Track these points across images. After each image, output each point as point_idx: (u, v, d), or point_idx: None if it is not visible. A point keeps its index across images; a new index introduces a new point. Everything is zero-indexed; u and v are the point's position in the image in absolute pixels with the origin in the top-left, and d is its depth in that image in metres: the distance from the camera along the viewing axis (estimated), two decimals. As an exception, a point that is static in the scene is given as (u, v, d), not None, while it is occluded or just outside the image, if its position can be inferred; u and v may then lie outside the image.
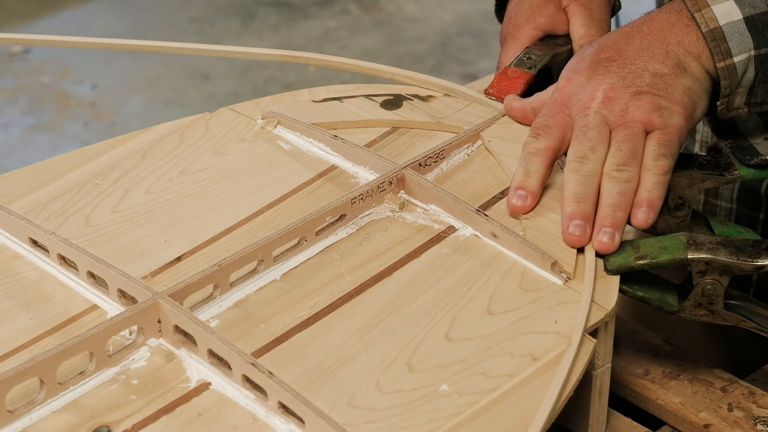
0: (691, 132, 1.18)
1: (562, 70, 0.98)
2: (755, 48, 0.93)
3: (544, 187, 0.94)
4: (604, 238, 0.89)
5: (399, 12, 3.52)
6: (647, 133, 0.92)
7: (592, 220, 0.90)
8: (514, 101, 1.03)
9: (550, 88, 0.99)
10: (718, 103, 0.95)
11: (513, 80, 1.05)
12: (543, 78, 1.08)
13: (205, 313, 0.85)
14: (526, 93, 1.06)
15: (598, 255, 0.89)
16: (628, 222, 0.91)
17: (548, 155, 0.93)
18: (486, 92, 1.06)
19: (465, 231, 0.93)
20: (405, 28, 3.44)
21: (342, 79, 3.08)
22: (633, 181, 0.91)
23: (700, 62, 0.94)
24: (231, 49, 1.14)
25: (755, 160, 0.96)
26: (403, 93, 1.08)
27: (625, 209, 0.90)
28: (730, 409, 0.91)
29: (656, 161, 0.91)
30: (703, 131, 1.23)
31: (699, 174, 0.96)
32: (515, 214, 0.93)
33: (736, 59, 0.93)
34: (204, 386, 0.80)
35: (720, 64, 0.93)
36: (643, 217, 0.91)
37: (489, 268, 0.89)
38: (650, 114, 0.92)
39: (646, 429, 0.91)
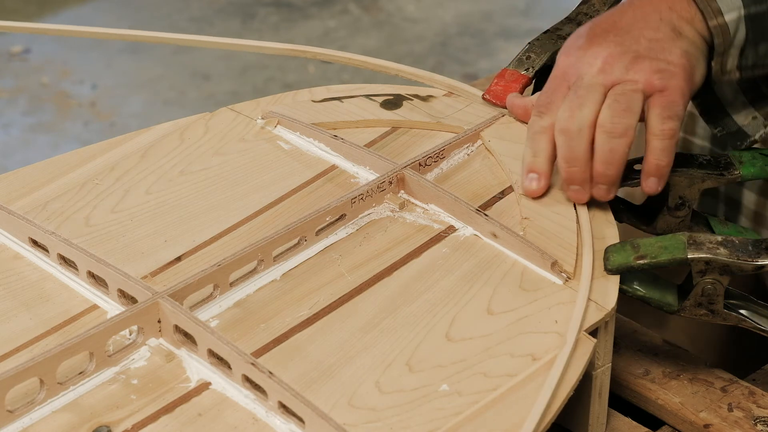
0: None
1: (560, 50, 0.98)
2: (744, 7, 0.93)
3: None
4: (599, 193, 0.92)
5: (399, 12, 3.52)
6: (648, 97, 0.92)
7: (586, 178, 0.91)
8: (516, 99, 1.03)
9: None
10: (713, 62, 0.95)
11: (509, 84, 1.05)
12: (543, 76, 1.08)
13: (205, 313, 0.85)
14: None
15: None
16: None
17: (553, 132, 0.93)
18: (484, 97, 1.06)
19: (465, 231, 0.93)
20: (405, 28, 3.44)
21: (342, 79, 3.08)
22: (627, 135, 0.90)
23: (694, 26, 0.94)
24: (240, 43, 1.14)
25: (746, 143, 0.97)
26: (403, 93, 1.08)
27: (619, 165, 0.91)
28: (730, 409, 0.91)
29: (663, 125, 0.91)
30: None
31: (699, 174, 0.96)
32: (531, 196, 0.94)
33: (727, 17, 0.93)
34: (204, 386, 0.80)
35: (712, 23, 0.93)
36: (653, 187, 0.92)
37: (489, 268, 0.89)
38: (651, 76, 0.91)
39: (646, 429, 0.91)
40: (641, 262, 0.88)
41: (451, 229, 0.93)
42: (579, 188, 0.91)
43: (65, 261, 0.89)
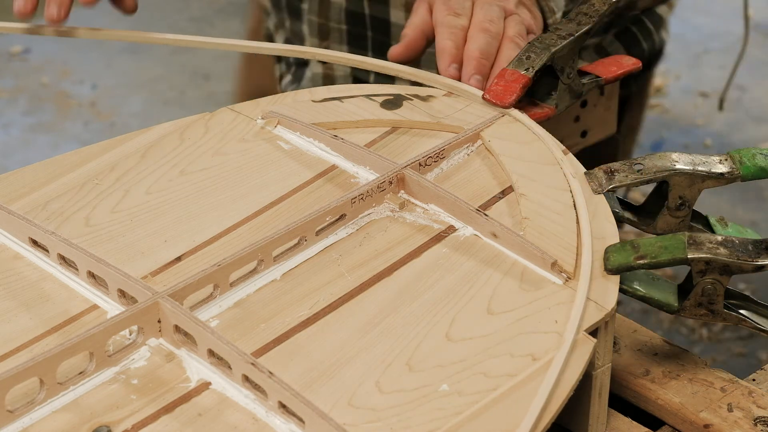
0: None
1: None
2: None
3: (545, 188, 0.95)
4: (475, 83, 1.08)
5: (399, 12, 3.52)
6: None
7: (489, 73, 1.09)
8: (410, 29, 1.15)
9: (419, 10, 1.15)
10: None
11: (510, 83, 1.05)
12: (543, 76, 1.08)
13: (205, 313, 0.85)
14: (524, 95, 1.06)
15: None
16: None
17: (467, 31, 1.11)
18: (484, 97, 1.06)
19: (465, 231, 0.93)
20: (405, 28, 3.44)
21: (342, 79, 3.07)
22: (498, 39, 1.10)
23: None
24: (240, 43, 1.15)
25: None
26: (403, 93, 1.08)
27: (490, 61, 1.09)
28: (730, 409, 0.91)
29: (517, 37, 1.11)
30: None
31: (699, 174, 0.96)
32: (447, 76, 1.09)
33: None
34: (204, 386, 0.80)
35: None
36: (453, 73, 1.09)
37: (489, 268, 0.89)
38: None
39: (646, 429, 0.91)
40: (641, 262, 0.88)
41: (451, 229, 0.93)
42: (482, 79, 1.08)
43: (65, 261, 0.89)
